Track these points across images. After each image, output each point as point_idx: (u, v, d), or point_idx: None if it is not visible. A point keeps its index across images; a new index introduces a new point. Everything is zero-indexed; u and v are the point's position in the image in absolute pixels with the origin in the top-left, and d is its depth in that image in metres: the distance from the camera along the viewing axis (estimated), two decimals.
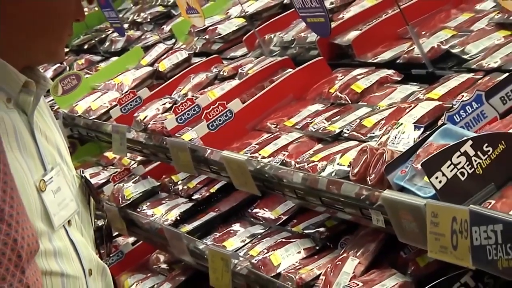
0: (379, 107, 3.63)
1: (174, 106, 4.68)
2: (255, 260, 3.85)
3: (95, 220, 2.83)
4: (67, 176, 2.68)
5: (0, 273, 1.88)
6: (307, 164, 3.50)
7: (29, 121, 2.57)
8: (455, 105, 3.04)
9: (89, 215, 2.78)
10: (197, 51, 5.60)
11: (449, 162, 2.67)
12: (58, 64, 7.15)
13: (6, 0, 2.54)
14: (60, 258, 2.50)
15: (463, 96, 3.15)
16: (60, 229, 2.55)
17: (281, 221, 4.03)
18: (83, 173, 2.87)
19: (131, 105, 5.15)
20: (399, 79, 3.85)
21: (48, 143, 2.65)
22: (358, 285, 3.25)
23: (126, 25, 6.87)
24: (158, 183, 5.21)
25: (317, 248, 3.75)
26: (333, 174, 3.32)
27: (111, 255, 5.51)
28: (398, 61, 3.92)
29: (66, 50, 7.59)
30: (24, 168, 2.09)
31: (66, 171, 2.70)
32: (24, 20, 2.58)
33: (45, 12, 2.59)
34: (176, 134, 4.51)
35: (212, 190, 4.77)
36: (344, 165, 3.28)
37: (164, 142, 4.56)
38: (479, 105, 2.97)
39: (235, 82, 4.67)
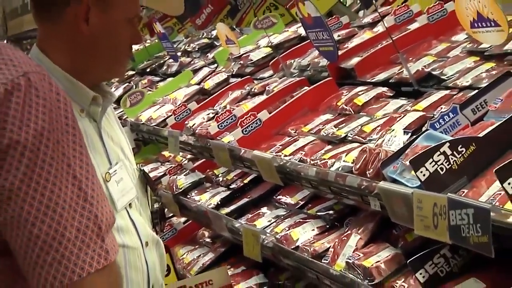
0: (376, 117, 3.61)
1: (216, 115, 4.68)
2: (279, 236, 3.84)
3: (153, 203, 2.84)
4: (129, 169, 2.69)
5: (86, 241, 1.86)
6: (320, 161, 3.49)
7: (98, 126, 2.59)
8: (435, 115, 3.02)
9: (146, 199, 2.81)
10: (233, 73, 5.59)
11: (431, 160, 2.65)
12: (127, 83, 7.17)
13: (78, 34, 2.54)
14: (122, 233, 2.51)
15: (442, 108, 3.13)
16: (122, 211, 2.56)
17: (299, 206, 4.01)
18: (141, 167, 2.89)
19: (183, 115, 5.16)
20: (391, 94, 3.82)
21: (113, 144, 2.66)
22: (359, 256, 3.23)
23: (179, 53, 6.85)
24: (203, 176, 5.20)
25: (327, 226, 3.73)
26: (339, 169, 3.30)
27: (166, 232, 5.53)
28: (390, 81, 3.88)
29: (133, 72, 7.60)
30: (94, 163, 2.05)
31: (128, 165, 2.71)
32: (92, 48, 2.59)
33: (109, 39, 2.59)
34: (218, 138, 4.49)
35: (245, 181, 4.75)
36: (348, 162, 3.27)
37: (208, 144, 4.54)
38: (454, 115, 2.96)
39: (263, 97, 4.65)
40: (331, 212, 3.77)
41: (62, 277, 1.87)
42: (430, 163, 2.66)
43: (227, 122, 4.53)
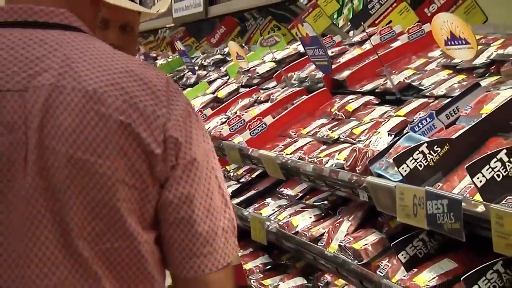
0: (364, 121, 3.60)
1: (228, 120, 4.68)
2: (281, 222, 3.82)
3: None
4: None
5: (227, 239, 1.98)
6: (316, 159, 3.48)
7: None
8: (415, 119, 3.02)
9: None
10: (243, 84, 5.58)
11: (411, 158, 2.64)
12: None
13: None
14: None
15: (420, 113, 3.12)
16: None
17: (298, 197, 3.99)
18: None
19: (202, 116, 5.15)
20: (377, 102, 3.81)
21: None
22: (350, 239, 3.22)
23: (196, 67, 6.84)
24: None
25: (323, 214, 3.72)
26: (333, 166, 3.29)
27: None
28: (376, 90, 3.87)
29: None
30: None
31: None
32: None
33: None
34: (229, 139, 4.49)
35: (253, 176, 4.73)
36: (340, 160, 3.26)
37: (221, 144, 4.55)
38: (431, 119, 2.95)
39: (268, 104, 4.64)
40: (326, 202, 3.76)
41: (211, 266, 1.95)
42: (410, 161, 2.65)
43: (237, 126, 4.52)
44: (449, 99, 3.02)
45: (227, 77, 6.12)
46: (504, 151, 2.33)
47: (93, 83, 1.81)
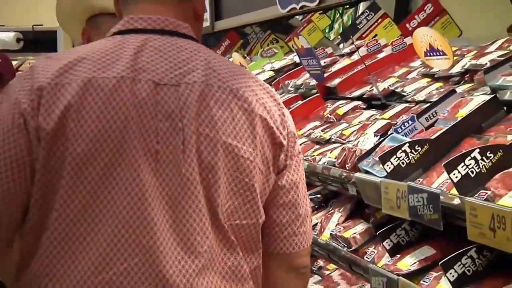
0: (353, 124, 3.59)
1: None
2: None
3: None
4: None
5: (311, 220, 2.15)
6: (310, 157, 3.48)
7: None
8: (398, 122, 3.02)
9: None
10: None
11: (395, 156, 2.64)
12: None
13: None
14: None
15: (403, 117, 3.12)
16: None
17: None
18: None
19: None
20: (364, 107, 3.81)
21: None
22: (340, 229, 3.22)
23: None
24: None
25: (316, 207, 3.71)
26: (325, 163, 3.29)
27: None
28: (364, 96, 3.87)
29: None
30: None
31: None
32: None
33: None
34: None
35: None
36: (332, 158, 3.26)
37: None
38: (412, 122, 2.94)
39: None
40: (318, 195, 3.75)
41: (305, 243, 2.09)
42: (394, 159, 2.64)
43: None
44: (428, 104, 3.01)
45: None
46: (477, 150, 2.33)
47: (235, 84, 1.96)
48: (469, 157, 2.32)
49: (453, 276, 2.38)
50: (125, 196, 1.84)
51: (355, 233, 3.12)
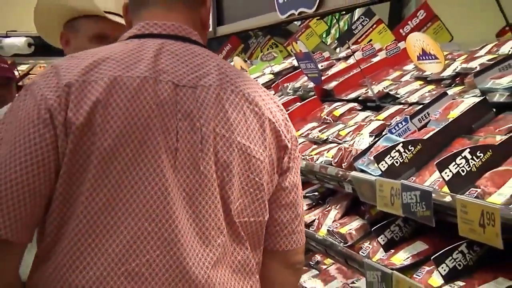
0: (349, 124, 3.59)
1: None
2: None
3: None
4: None
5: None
6: (308, 157, 3.48)
7: None
8: (392, 123, 3.02)
9: None
10: None
11: (389, 155, 2.64)
12: None
13: None
14: None
15: (396, 118, 3.12)
16: None
17: None
18: None
19: None
20: (360, 108, 3.80)
21: None
22: (337, 225, 3.21)
23: None
24: None
25: (314, 204, 3.71)
26: (323, 162, 3.29)
27: None
28: (359, 98, 3.87)
29: None
30: None
31: None
32: None
33: None
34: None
35: None
36: (329, 157, 3.26)
37: None
38: (406, 123, 2.94)
39: None
40: (316, 193, 3.75)
41: (301, 241, 2.13)
42: (388, 158, 2.64)
43: None
44: (421, 106, 3.02)
45: None
46: (468, 150, 2.33)
47: (246, 88, 1.99)
48: (460, 157, 2.32)
49: (444, 270, 2.38)
50: (148, 190, 1.85)
51: (351, 229, 3.12)
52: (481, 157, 2.31)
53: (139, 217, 1.84)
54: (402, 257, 2.68)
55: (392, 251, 2.77)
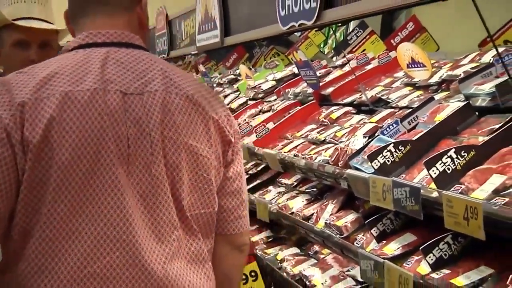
0: (344, 126, 3.58)
1: (239, 125, 4.66)
2: (280, 205, 3.82)
3: None
4: None
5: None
6: (307, 156, 3.47)
7: None
8: (384, 125, 3.01)
9: None
10: (250, 97, 5.57)
11: (381, 155, 2.64)
12: None
13: None
14: None
15: (388, 121, 3.12)
16: None
17: (293, 185, 3.98)
18: None
19: None
20: (355, 112, 3.80)
21: None
22: (334, 218, 3.21)
23: (215, 84, 6.83)
24: None
25: (312, 199, 3.71)
26: (321, 161, 3.28)
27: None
28: (354, 103, 3.86)
29: None
30: None
31: None
32: None
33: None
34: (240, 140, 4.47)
35: (258, 169, 4.72)
36: (326, 156, 3.25)
37: None
38: (396, 125, 2.94)
39: (270, 113, 4.63)
40: (314, 189, 3.74)
41: (247, 224, 2.12)
42: (381, 157, 2.64)
43: (246, 130, 4.51)
44: (410, 110, 3.01)
45: (238, 92, 6.11)
46: (453, 150, 2.33)
47: (189, 90, 1.95)
48: (446, 156, 2.32)
49: (431, 259, 2.38)
50: (105, 197, 1.82)
51: (346, 222, 3.12)
52: (465, 157, 2.31)
53: (98, 223, 1.81)
54: (393, 248, 2.68)
55: (384, 242, 2.77)
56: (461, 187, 2.22)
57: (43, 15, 2.78)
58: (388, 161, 2.63)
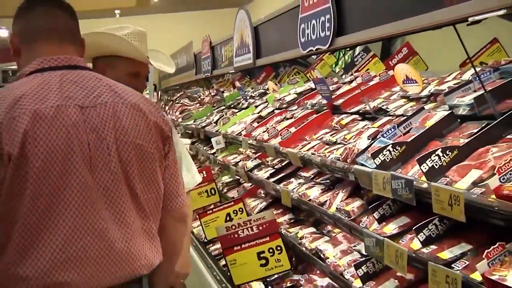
0: (352, 131, 3.57)
1: (267, 129, 4.65)
2: (300, 193, 3.81)
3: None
4: None
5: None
6: (322, 154, 3.46)
7: None
8: (384, 130, 3.00)
9: None
10: (276, 107, 5.56)
11: (382, 153, 2.63)
12: (221, 113, 7.14)
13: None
14: None
15: (387, 126, 3.10)
16: None
17: (311, 177, 3.97)
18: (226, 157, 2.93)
19: (250, 129, 5.13)
20: (360, 119, 3.77)
21: None
22: (343, 204, 3.20)
23: (248, 97, 6.84)
24: (261, 161, 5.17)
25: (326, 188, 3.70)
26: (333, 158, 3.27)
27: (240, 191, 5.47)
28: (360, 111, 3.84)
29: (224, 107, 7.54)
30: None
31: None
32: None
33: None
34: (268, 141, 4.47)
35: (282, 164, 4.70)
36: (337, 154, 3.24)
37: (263, 145, 4.52)
38: (394, 130, 2.93)
39: (292, 120, 4.61)
40: (328, 181, 3.73)
41: (184, 200, 2.14)
42: (381, 155, 2.63)
43: (273, 133, 4.51)
44: (405, 117, 3.00)
45: (267, 103, 6.12)
46: (440, 149, 2.32)
47: (132, 99, 1.98)
48: (434, 154, 2.31)
49: (422, 237, 2.37)
50: (75, 193, 1.83)
51: (353, 207, 3.11)
52: (449, 155, 2.30)
53: (71, 215, 1.82)
54: (391, 228, 2.68)
55: (384, 223, 2.76)
56: (446, 179, 2.21)
57: (146, 51, 2.81)
58: (388, 158, 2.62)
